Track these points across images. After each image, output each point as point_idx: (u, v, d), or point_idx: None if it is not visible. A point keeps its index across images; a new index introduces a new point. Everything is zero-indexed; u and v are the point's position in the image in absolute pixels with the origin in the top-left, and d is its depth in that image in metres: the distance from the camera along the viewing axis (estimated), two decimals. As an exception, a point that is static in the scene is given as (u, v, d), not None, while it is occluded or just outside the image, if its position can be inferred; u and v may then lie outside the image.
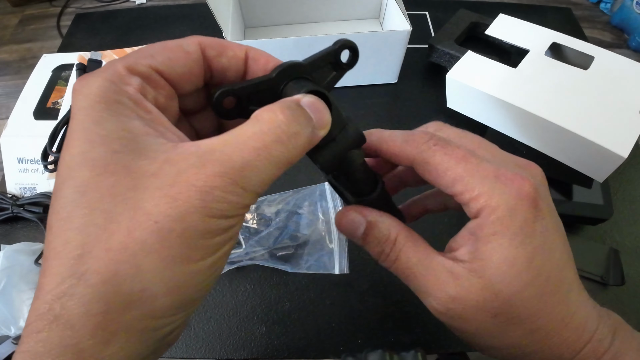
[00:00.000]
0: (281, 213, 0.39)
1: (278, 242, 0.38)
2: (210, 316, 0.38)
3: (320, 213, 0.39)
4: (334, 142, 0.18)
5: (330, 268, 0.32)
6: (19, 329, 0.35)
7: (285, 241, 0.38)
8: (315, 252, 0.37)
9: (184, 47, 0.17)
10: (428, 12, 0.66)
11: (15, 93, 1.12)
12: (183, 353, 0.36)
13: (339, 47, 0.20)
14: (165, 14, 0.66)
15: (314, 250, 0.38)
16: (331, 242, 0.35)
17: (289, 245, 0.38)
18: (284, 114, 0.15)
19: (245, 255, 0.37)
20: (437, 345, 0.37)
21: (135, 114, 0.15)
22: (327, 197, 0.36)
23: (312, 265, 0.35)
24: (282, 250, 0.38)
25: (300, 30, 0.62)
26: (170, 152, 0.14)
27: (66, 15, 1.56)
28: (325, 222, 0.38)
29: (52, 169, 0.40)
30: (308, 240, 0.38)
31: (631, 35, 1.39)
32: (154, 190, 0.13)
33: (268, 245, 0.37)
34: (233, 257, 0.38)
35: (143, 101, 0.15)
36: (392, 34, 0.49)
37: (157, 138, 0.14)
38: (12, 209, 0.42)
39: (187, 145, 0.14)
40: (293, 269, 0.36)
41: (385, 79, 0.55)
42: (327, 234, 0.38)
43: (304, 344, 0.37)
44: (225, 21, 0.50)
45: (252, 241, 0.37)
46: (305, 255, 0.37)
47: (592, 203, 0.41)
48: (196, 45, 0.17)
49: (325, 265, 0.34)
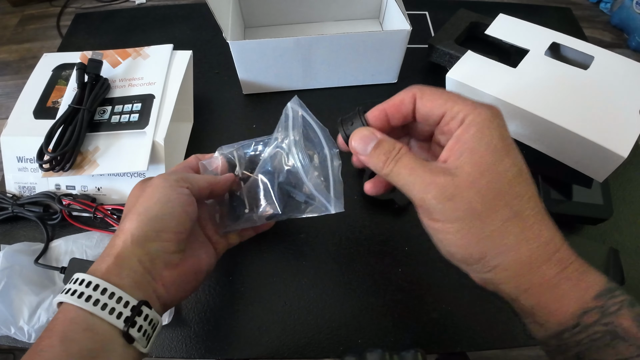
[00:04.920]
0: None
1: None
2: (210, 316, 0.38)
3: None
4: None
5: (327, 208, 0.31)
6: (19, 329, 0.35)
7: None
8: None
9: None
10: (428, 12, 0.66)
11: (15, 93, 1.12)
12: (183, 353, 0.37)
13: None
14: (165, 14, 0.66)
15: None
16: (327, 180, 0.33)
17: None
18: None
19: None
20: (437, 345, 0.37)
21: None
22: (322, 139, 0.33)
23: (312, 208, 0.33)
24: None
25: (300, 30, 0.62)
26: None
27: (66, 15, 1.56)
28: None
29: (47, 168, 0.40)
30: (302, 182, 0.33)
31: (631, 35, 1.39)
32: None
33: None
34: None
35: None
36: (392, 34, 0.49)
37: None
38: (12, 209, 0.42)
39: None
40: (297, 214, 0.33)
41: (385, 79, 0.55)
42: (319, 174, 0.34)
43: (304, 344, 0.37)
44: (225, 21, 0.50)
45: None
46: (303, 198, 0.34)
47: (592, 203, 0.41)
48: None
49: (321, 207, 0.32)
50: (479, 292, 0.39)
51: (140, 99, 0.43)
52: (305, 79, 0.53)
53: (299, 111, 0.33)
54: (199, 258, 0.31)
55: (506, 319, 0.38)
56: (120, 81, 0.45)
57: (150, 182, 0.30)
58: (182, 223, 0.29)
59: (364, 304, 0.39)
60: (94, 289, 0.24)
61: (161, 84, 0.44)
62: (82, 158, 0.41)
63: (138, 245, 0.27)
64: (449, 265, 0.41)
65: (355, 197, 0.45)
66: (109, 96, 0.44)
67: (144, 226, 0.27)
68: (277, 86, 0.54)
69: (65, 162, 0.40)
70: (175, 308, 0.38)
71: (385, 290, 0.39)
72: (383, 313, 0.38)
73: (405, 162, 0.23)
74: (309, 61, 0.50)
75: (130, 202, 0.30)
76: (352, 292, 0.39)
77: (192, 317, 0.38)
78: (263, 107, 0.53)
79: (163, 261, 0.28)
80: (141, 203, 0.28)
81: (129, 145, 0.41)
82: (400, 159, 0.23)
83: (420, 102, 0.24)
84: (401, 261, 0.41)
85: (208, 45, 0.60)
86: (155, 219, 0.27)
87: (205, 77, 0.57)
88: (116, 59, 0.47)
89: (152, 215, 0.28)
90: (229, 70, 0.54)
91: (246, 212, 0.34)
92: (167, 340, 0.37)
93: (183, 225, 0.29)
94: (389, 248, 0.42)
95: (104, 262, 0.26)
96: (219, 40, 0.47)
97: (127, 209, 0.29)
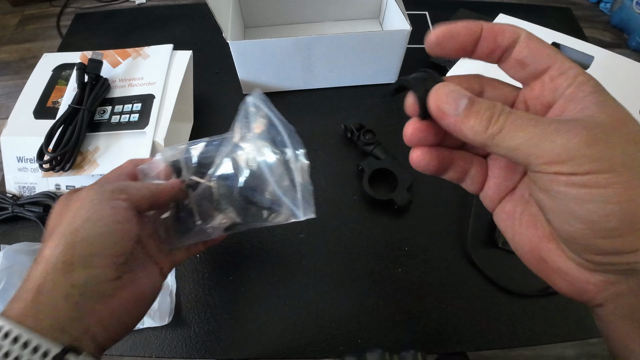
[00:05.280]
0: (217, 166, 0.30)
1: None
2: (210, 316, 0.38)
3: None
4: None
5: (295, 214, 0.27)
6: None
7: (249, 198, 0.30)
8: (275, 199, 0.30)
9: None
10: (428, 12, 0.66)
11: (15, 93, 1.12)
12: (183, 353, 0.37)
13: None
14: (165, 14, 0.66)
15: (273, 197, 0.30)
16: (293, 185, 0.29)
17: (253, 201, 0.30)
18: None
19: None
20: (437, 345, 0.37)
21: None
22: (285, 139, 0.29)
23: (277, 215, 0.29)
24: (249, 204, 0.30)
25: (300, 30, 0.62)
26: None
27: (66, 15, 1.56)
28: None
29: (47, 168, 0.40)
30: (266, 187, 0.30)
31: (631, 35, 1.39)
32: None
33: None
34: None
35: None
36: (392, 34, 0.49)
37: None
38: (12, 209, 0.42)
39: None
40: (260, 223, 0.30)
41: (385, 78, 0.55)
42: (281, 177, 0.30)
43: (304, 344, 0.37)
44: (225, 21, 0.50)
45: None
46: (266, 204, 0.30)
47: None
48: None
49: (288, 212, 0.28)
50: (478, 292, 0.39)
51: (140, 99, 0.44)
52: (305, 79, 0.53)
53: (260, 107, 0.30)
54: (141, 283, 0.26)
55: (506, 319, 0.38)
56: (120, 81, 0.45)
57: (77, 196, 0.25)
58: (119, 244, 0.24)
59: (364, 304, 0.39)
60: (3, 338, 0.20)
61: (161, 84, 0.44)
62: (82, 158, 0.41)
63: (63, 275, 0.22)
64: (449, 266, 0.41)
65: (355, 197, 0.45)
66: (109, 96, 0.44)
67: (70, 251, 0.22)
68: (277, 86, 0.54)
69: (65, 162, 0.40)
70: (175, 308, 0.38)
71: (385, 290, 0.39)
72: (383, 313, 0.38)
73: (519, 114, 0.17)
74: (309, 61, 0.50)
75: (52, 221, 0.25)
76: (352, 292, 0.39)
77: (192, 317, 0.38)
78: (263, 107, 0.53)
79: (96, 292, 0.23)
80: (67, 222, 0.23)
81: (129, 145, 0.41)
82: (511, 112, 0.17)
83: (527, 44, 0.19)
84: (401, 261, 0.41)
85: (208, 45, 0.60)
86: (85, 241, 0.23)
87: (205, 77, 0.57)
88: (116, 59, 0.47)
89: (80, 237, 0.23)
90: (229, 70, 0.54)
91: (197, 224, 0.30)
92: (167, 340, 0.37)
93: (121, 246, 0.24)
94: (389, 248, 0.42)
95: (19, 300, 0.21)
96: (219, 40, 0.47)
97: (49, 231, 0.24)
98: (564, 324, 0.37)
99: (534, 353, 0.92)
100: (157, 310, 0.37)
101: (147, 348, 0.37)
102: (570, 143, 0.16)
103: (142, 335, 0.37)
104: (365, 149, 0.47)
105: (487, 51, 0.20)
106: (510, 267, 0.40)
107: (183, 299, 0.39)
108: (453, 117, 0.18)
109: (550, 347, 0.92)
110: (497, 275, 0.39)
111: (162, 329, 0.37)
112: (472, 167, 0.22)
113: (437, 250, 0.42)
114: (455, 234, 0.43)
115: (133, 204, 0.26)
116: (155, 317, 0.37)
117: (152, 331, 0.37)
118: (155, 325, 0.37)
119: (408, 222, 0.44)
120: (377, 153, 0.46)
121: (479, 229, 0.42)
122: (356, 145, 0.49)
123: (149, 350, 0.37)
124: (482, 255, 0.41)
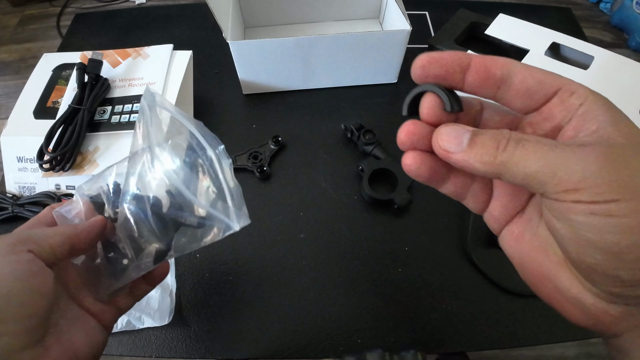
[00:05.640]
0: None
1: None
2: (210, 316, 0.38)
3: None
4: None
5: (229, 225, 0.23)
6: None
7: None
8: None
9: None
10: (428, 12, 0.66)
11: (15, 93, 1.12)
12: (183, 353, 0.37)
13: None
14: (165, 14, 0.66)
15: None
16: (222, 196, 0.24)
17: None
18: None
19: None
20: (437, 345, 0.37)
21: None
22: (199, 138, 0.25)
23: (208, 231, 0.24)
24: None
25: (300, 30, 0.62)
26: None
27: (66, 15, 1.56)
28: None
29: (47, 168, 0.40)
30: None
31: (631, 35, 1.39)
32: None
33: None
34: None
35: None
36: (392, 34, 0.49)
37: None
38: (12, 209, 0.42)
39: None
40: (191, 245, 0.25)
41: (385, 79, 0.55)
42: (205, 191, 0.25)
43: (304, 344, 0.37)
44: (225, 21, 0.50)
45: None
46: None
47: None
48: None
49: (221, 226, 0.23)
50: (478, 292, 0.39)
51: (140, 99, 0.44)
52: (305, 79, 0.53)
53: (155, 107, 0.25)
54: (74, 341, 0.23)
55: (506, 319, 0.38)
56: (120, 81, 0.45)
57: None
58: (28, 305, 0.20)
59: (364, 304, 0.39)
60: None
61: (161, 84, 0.44)
62: (82, 158, 0.41)
63: None
64: (449, 266, 0.41)
65: (355, 197, 0.45)
66: (109, 96, 0.44)
67: None
68: (277, 86, 0.54)
69: (65, 162, 0.40)
70: (175, 308, 0.38)
71: (385, 290, 0.39)
72: (383, 313, 0.38)
73: (532, 140, 0.16)
74: (309, 61, 0.50)
75: None
76: (352, 292, 0.39)
77: (192, 317, 0.38)
78: (263, 107, 0.53)
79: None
80: None
81: (129, 145, 0.41)
82: (522, 139, 0.17)
83: (528, 73, 0.18)
84: (401, 261, 0.41)
85: (208, 45, 0.60)
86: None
87: (205, 77, 0.57)
88: (116, 59, 0.47)
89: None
90: (229, 70, 0.54)
91: (128, 261, 0.25)
92: (167, 340, 0.37)
93: (31, 307, 0.20)
94: (389, 248, 0.42)
95: None
96: (219, 40, 0.47)
97: None
98: (564, 324, 0.37)
99: (534, 353, 0.92)
100: (157, 310, 0.37)
101: (147, 348, 0.37)
102: (590, 169, 0.15)
103: (142, 335, 0.37)
104: (365, 149, 0.47)
105: (479, 81, 0.19)
106: (510, 267, 0.40)
107: (183, 299, 0.39)
108: (459, 153, 0.17)
109: (550, 347, 0.92)
110: (497, 275, 0.39)
111: (162, 329, 0.37)
112: (475, 183, 0.21)
113: (437, 250, 0.42)
114: (455, 234, 0.43)
115: (42, 254, 0.22)
116: (155, 317, 0.37)
117: (152, 331, 0.37)
118: (155, 325, 0.37)
119: (408, 222, 0.44)
120: (377, 153, 0.46)
121: (479, 229, 0.42)
122: (356, 145, 0.49)
123: (149, 350, 0.37)
124: (482, 255, 0.41)
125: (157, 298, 0.38)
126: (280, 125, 0.51)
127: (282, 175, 0.47)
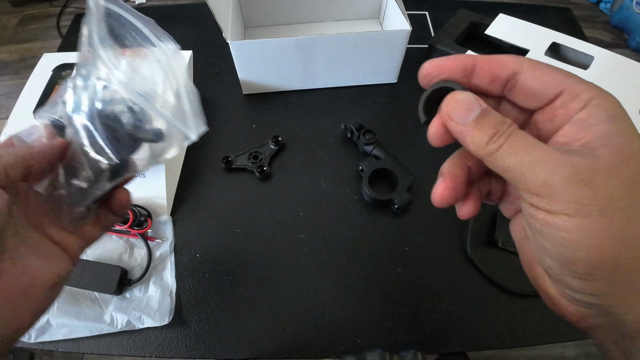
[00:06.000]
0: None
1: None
2: (210, 316, 0.38)
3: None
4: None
5: (185, 134, 0.21)
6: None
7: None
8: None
9: None
10: (428, 12, 0.66)
11: (15, 93, 1.12)
12: (183, 353, 0.37)
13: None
14: (165, 14, 0.67)
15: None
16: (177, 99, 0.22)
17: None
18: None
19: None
20: (437, 345, 0.37)
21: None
22: (148, 34, 0.23)
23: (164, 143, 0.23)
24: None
25: (300, 30, 0.62)
26: None
27: (66, 15, 1.56)
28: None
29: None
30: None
31: (631, 35, 1.39)
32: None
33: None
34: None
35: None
36: (392, 34, 0.49)
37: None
38: (12, 209, 0.42)
39: None
40: (148, 162, 0.24)
41: (385, 78, 0.55)
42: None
43: (304, 344, 0.37)
44: (225, 21, 0.50)
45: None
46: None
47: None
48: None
49: (177, 135, 0.22)
50: (478, 292, 0.39)
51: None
52: (305, 79, 0.53)
53: (100, 3, 0.23)
54: (30, 267, 0.22)
55: (506, 319, 0.38)
56: (120, 81, 0.45)
57: None
58: None
59: (364, 304, 0.39)
60: None
61: (161, 84, 0.44)
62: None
63: None
64: (449, 266, 0.41)
65: (355, 197, 0.45)
66: (109, 96, 0.44)
67: None
68: (277, 86, 0.54)
69: (65, 162, 0.40)
70: (175, 308, 0.38)
71: (385, 290, 0.39)
72: (383, 313, 0.38)
73: (519, 137, 0.17)
74: (309, 61, 0.50)
75: None
76: (352, 292, 0.39)
77: (192, 317, 0.38)
78: (263, 107, 0.53)
79: None
80: None
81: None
82: (512, 134, 0.17)
83: (531, 73, 0.18)
84: (401, 261, 0.41)
85: (208, 45, 0.60)
86: None
87: (205, 77, 0.57)
88: (116, 59, 0.47)
89: None
90: (229, 70, 0.54)
91: (86, 185, 0.24)
92: (167, 340, 0.37)
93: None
94: (389, 248, 0.42)
95: None
96: (219, 40, 0.47)
97: None
98: (564, 324, 0.37)
99: (534, 353, 0.92)
100: (157, 310, 0.37)
101: (147, 348, 0.37)
102: (553, 178, 0.16)
103: (142, 335, 0.37)
104: (365, 149, 0.47)
105: (484, 83, 0.20)
106: (510, 267, 0.40)
107: (183, 299, 0.39)
108: (459, 125, 0.18)
109: (550, 347, 0.92)
110: (497, 275, 0.39)
111: (162, 328, 0.37)
112: (492, 184, 0.22)
113: (436, 250, 0.42)
114: (455, 234, 0.43)
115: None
116: (155, 317, 0.37)
117: (152, 331, 0.37)
118: (155, 325, 0.37)
119: (408, 222, 0.44)
120: (377, 153, 0.46)
121: (478, 229, 0.42)
122: (356, 145, 0.49)
123: (149, 350, 0.37)
124: (482, 255, 0.41)
125: (157, 298, 0.38)
126: (280, 125, 0.51)
127: (282, 175, 0.47)
